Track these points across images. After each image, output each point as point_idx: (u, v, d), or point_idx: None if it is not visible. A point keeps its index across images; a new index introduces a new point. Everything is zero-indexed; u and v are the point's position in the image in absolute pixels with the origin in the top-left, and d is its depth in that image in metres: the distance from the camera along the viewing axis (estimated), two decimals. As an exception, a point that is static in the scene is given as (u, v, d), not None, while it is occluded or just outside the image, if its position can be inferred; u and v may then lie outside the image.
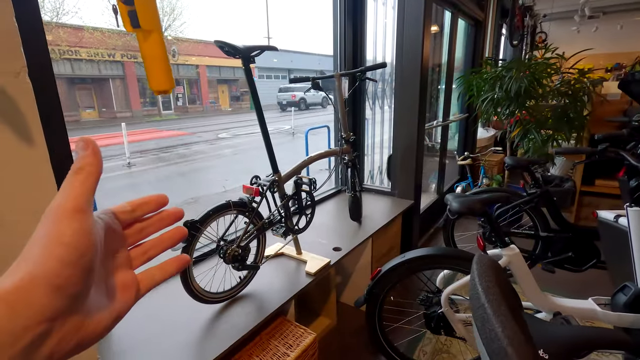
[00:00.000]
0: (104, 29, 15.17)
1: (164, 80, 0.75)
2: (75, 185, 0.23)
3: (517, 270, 1.40)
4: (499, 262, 0.48)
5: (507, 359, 0.32)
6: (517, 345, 0.33)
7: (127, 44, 15.88)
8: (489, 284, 0.41)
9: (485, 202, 1.33)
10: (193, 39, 18.25)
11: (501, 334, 0.33)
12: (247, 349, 1.23)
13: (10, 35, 0.81)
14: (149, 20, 0.70)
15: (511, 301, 0.42)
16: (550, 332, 0.77)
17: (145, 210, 0.31)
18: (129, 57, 16.29)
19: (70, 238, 0.22)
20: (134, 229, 0.31)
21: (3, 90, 0.82)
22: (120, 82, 16.77)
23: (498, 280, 0.42)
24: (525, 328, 0.41)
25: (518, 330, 0.34)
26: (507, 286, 0.46)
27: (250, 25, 37.10)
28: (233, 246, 1.30)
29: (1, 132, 0.83)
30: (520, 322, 0.40)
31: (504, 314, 0.36)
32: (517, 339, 0.33)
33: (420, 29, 2.26)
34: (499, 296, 0.39)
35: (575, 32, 9.22)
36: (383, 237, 2.19)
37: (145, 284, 0.30)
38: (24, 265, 0.21)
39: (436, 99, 3.64)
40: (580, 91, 2.75)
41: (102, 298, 0.26)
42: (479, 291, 0.40)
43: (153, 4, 0.70)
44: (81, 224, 0.22)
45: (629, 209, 1.35)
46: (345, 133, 1.86)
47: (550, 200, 2.18)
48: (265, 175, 1.47)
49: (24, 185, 0.88)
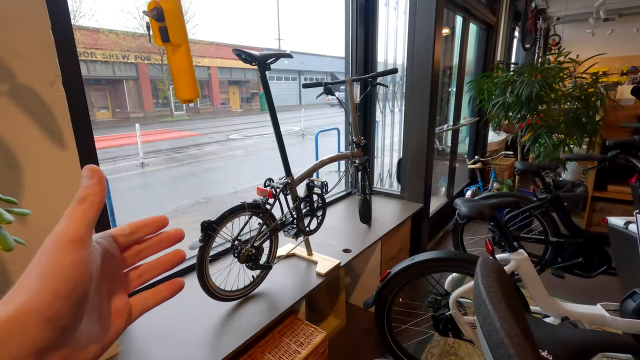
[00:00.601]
0: (119, 31, 15.50)
1: (190, 90, 0.81)
2: (77, 215, 0.24)
3: (525, 275, 1.42)
4: (504, 266, 0.50)
5: (504, 348, 0.35)
6: (514, 336, 0.36)
7: (141, 45, 16.18)
8: (490, 284, 0.44)
9: (494, 207, 1.36)
10: (205, 40, 18.51)
11: (499, 327, 0.37)
12: (259, 346, 1.27)
13: (46, 47, 0.88)
14: (177, 36, 0.75)
15: (512, 301, 0.45)
16: (556, 334, 0.80)
17: (145, 233, 0.31)
18: (142, 58, 16.60)
19: (66, 268, 0.22)
20: (132, 251, 0.31)
21: (39, 97, 0.88)
22: (134, 83, 17.09)
23: (500, 281, 0.45)
24: (525, 324, 0.44)
25: (515, 324, 0.38)
26: (509, 287, 0.49)
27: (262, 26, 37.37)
28: (247, 246, 1.34)
29: (37, 136, 0.89)
30: (520, 319, 0.43)
31: (503, 310, 0.39)
32: (514, 331, 0.37)
33: (431, 34, 2.28)
34: (499, 295, 0.42)
35: (590, 35, 9.09)
36: (392, 240, 2.22)
37: (137, 309, 0.30)
38: (19, 295, 0.21)
39: (447, 103, 3.65)
40: (593, 96, 2.73)
41: (94, 327, 0.26)
42: (481, 290, 0.43)
43: (181, 21, 0.75)
44: (78, 254, 0.23)
45: (639, 215, 1.36)
46: (356, 137, 1.89)
47: (560, 206, 2.18)
48: (278, 178, 1.52)
49: (56, 185, 0.94)
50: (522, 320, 0.44)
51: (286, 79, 24.24)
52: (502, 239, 1.45)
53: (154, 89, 18.19)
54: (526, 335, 0.37)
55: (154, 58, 16.75)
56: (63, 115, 0.93)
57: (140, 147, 7.20)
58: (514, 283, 0.51)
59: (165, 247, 0.32)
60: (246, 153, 8.50)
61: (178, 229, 0.33)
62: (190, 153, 8.46)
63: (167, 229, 0.32)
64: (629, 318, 1.35)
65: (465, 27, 3.15)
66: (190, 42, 0.83)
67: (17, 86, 0.84)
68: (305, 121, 12.10)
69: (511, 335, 0.36)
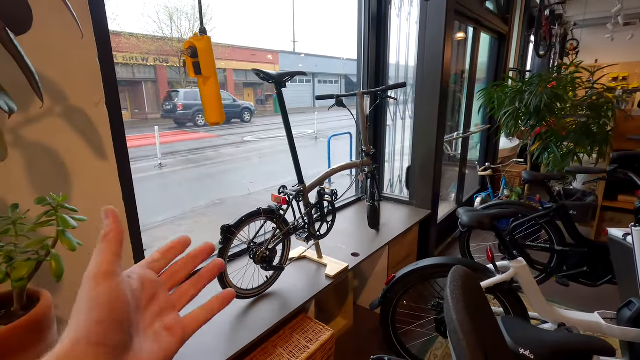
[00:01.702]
0: (139, 34, 15.97)
1: (218, 115, 0.93)
2: (103, 252, 0.28)
3: (524, 282, 1.49)
4: (470, 272, 0.59)
5: (456, 335, 0.45)
6: (464, 325, 0.46)
7: (160, 48, 16.63)
8: (454, 287, 0.53)
9: (493, 217, 1.43)
10: (222, 43, 18.85)
11: (455, 319, 0.46)
12: (272, 341, 1.38)
13: (93, 73, 1.01)
14: (208, 69, 0.87)
15: (474, 302, 0.54)
16: (539, 336, 0.88)
17: (174, 255, 0.34)
18: (160, 60, 17.04)
19: (101, 299, 0.26)
20: (169, 273, 0.34)
21: (86, 116, 1.02)
22: (152, 85, 17.54)
23: (464, 286, 0.54)
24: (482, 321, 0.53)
25: (467, 317, 0.47)
26: (474, 291, 0.58)
27: (277, 29, 37.77)
28: (262, 248, 1.46)
29: (83, 149, 1.02)
30: (478, 316, 0.52)
31: (460, 307, 0.48)
32: (465, 322, 0.46)
33: (440, 45, 2.36)
34: (460, 296, 0.51)
35: (609, 40, 8.92)
36: (400, 245, 2.30)
37: (191, 326, 0.33)
38: (69, 332, 0.25)
39: (458, 110, 3.71)
40: (604, 106, 2.76)
41: (151, 344, 0.29)
42: (447, 291, 0.52)
43: (211, 57, 0.87)
44: (110, 284, 0.27)
45: (634, 228, 1.42)
46: (366, 147, 1.99)
47: (566, 215, 2.23)
48: (291, 185, 1.63)
49: (98, 191, 1.07)
50: (481, 317, 0.53)
51: (300, 82, 24.44)
52: (502, 248, 1.52)
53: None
54: (476, 327, 0.46)
55: (172, 60, 17.18)
56: (105, 131, 1.06)
57: (158, 149, 7.44)
58: (479, 288, 0.59)
59: (200, 262, 0.35)
60: (260, 155, 8.67)
61: (208, 243, 0.36)
62: (207, 155, 8.67)
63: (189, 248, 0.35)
64: (624, 326, 1.41)
65: (476, 37, 3.21)
66: None
67: (69, 107, 0.98)
68: (318, 124, 12.22)
69: (462, 325, 0.45)
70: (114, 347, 0.26)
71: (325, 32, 41.46)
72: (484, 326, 0.56)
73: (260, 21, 31.77)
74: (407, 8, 2.68)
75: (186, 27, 16.36)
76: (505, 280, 1.48)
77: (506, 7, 3.72)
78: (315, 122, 12.17)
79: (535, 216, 2.26)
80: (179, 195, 5.53)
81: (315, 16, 41.31)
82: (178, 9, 16.19)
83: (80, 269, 0.31)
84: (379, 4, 2.57)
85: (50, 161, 0.95)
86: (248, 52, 20.83)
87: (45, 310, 0.70)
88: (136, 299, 0.30)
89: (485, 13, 3.12)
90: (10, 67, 0.65)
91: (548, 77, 2.79)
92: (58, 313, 0.82)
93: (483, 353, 0.46)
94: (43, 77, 0.90)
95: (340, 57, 26.03)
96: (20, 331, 0.66)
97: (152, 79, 17.37)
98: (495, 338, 0.59)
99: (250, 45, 21.50)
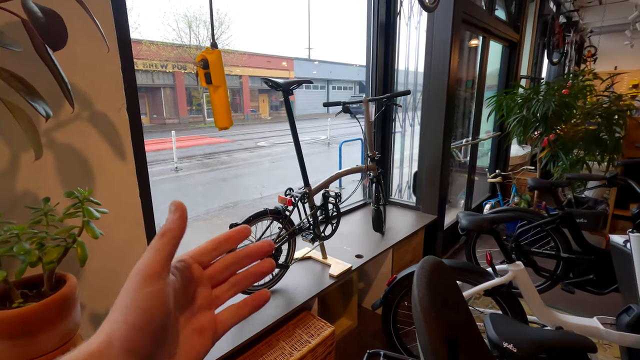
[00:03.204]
0: (159, 42, 16.50)
1: (226, 120, 1.02)
2: (158, 250, 0.26)
3: (522, 286, 1.52)
4: (442, 262, 0.64)
5: (417, 313, 0.50)
6: (424, 304, 0.51)
7: (179, 55, 17.11)
8: (421, 272, 0.59)
9: (491, 221, 1.48)
10: (238, 50, 19.27)
11: (416, 298, 0.52)
12: (275, 335, 1.45)
13: (116, 81, 1.12)
14: (218, 79, 0.97)
15: (441, 288, 0.60)
16: (524, 331, 0.93)
17: (229, 247, 0.31)
18: (179, 67, 17.53)
19: (142, 302, 0.24)
20: (217, 269, 0.31)
21: (109, 120, 1.12)
22: (170, 91, 18.04)
23: (431, 272, 0.60)
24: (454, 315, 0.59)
25: (428, 298, 0.53)
26: (446, 282, 0.63)
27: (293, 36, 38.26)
28: (268, 247, 1.54)
29: (106, 150, 1.13)
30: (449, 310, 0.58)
31: (423, 289, 0.54)
32: (425, 301, 0.52)
33: (447, 54, 2.42)
34: (425, 279, 0.57)
35: (629, 46, 8.74)
36: (404, 248, 2.35)
37: (223, 325, 0.31)
38: (106, 328, 0.24)
39: (468, 117, 3.73)
40: (615, 114, 2.75)
41: (182, 344, 0.28)
42: (414, 283, 0.58)
43: (221, 68, 0.96)
44: (155, 288, 0.25)
45: (631, 234, 1.43)
46: (371, 152, 2.06)
47: (572, 222, 2.23)
48: (297, 188, 1.71)
49: (118, 189, 1.17)
50: (451, 307, 0.59)
51: (315, 88, 24.70)
52: (501, 251, 1.56)
53: (188, 96, 19.11)
54: (442, 315, 0.52)
55: (189, 67, 17.64)
56: (125, 134, 1.16)
57: (175, 153, 7.67)
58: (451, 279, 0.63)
59: (253, 261, 0.32)
60: (273, 160, 8.81)
61: (268, 240, 0.33)
62: (221, 159, 8.88)
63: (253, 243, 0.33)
64: (623, 332, 1.42)
65: (485, 45, 3.24)
66: (224, 52, 1.03)
67: (94, 112, 1.08)
68: (331, 130, 12.33)
69: (424, 312, 0.51)
70: (146, 357, 0.25)
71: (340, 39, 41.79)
72: (454, 315, 0.62)
73: (276, 28, 32.32)
74: (417, 17, 2.75)
75: (204, 35, 16.79)
76: (504, 283, 1.51)
77: (517, 15, 3.74)
78: (328, 128, 12.28)
79: (540, 223, 2.27)
80: (194, 198, 5.70)
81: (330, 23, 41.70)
82: (197, 18, 16.65)
83: (100, 257, 0.37)
84: (387, 14, 2.65)
85: (77, 160, 1.06)
86: (264, 59, 21.21)
87: (71, 291, 0.79)
88: (176, 298, 0.27)
89: (494, 22, 3.16)
90: (45, 77, 0.75)
91: (556, 84, 2.80)
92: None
93: (445, 339, 0.51)
94: (73, 86, 1.01)
95: (354, 63, 26.19)
96: (49, 308, 0.75)
97: (170, 85, 17.87)
98: (467, 328, 0.65)
99: (266, 53, 21.89)
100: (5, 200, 0.93)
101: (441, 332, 0.51)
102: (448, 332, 0.55)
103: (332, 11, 38.81)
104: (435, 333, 0.52)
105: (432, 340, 0.51)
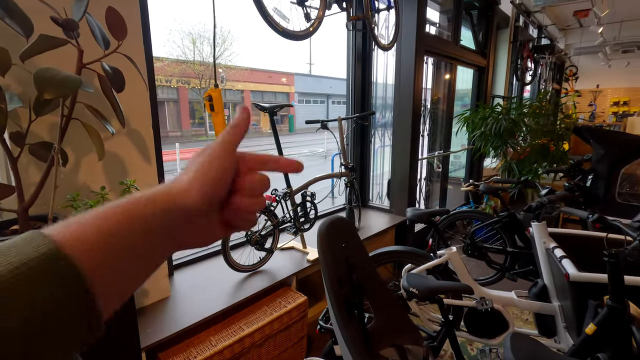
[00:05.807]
0: (164, 57, 17.19)
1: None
2: (230, 133, 0.34)
3: (455, 265, 1.93)
4: (344, 219, 1.04)
5: (327, 286, 0.92)
6: (326, 254, 0.92)
7: (183, 71, 17.79)
8: (325, 227, 1.00)
9: (429, 215, 1.90)
10: (240, 66, 19.96)
11: (319, 247, 0.93)
12: (260, 302, 1.86)
13: (146, 106, 1.56)
14: (218, 108, 1.40)
15: (346, 238, 1.01)
16: (426, 281, 1.34)
17: (273, 168, 0.37)
18: (182, 82, 18.17)
19: (215, 174, 0.32)
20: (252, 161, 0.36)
21: (140, 134, 1.56)
22: (174, 105, 18.64)
23: (334, 227, 1.01)
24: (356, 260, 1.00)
25: (327, 249, 0.93)
26: (347, 231, 1.04)
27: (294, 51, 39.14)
28: (256, 234, 1.96)
29: (137, 158, 1.56)
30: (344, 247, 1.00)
31: (326, 241, 0.95)
32: (327, 251, 0.93)
33: (411, 80, 2.88)
34: (328, 232, 0.97)
35: (606, 66, 9.29)
36: (376, 244, 2.75)
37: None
38: (190, 174, 0.32)
39: (443, 130, 4.18)
40: (561, 131, 3.20)
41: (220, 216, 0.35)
42: (319, 243, 0.99)
43: (221, 101, 1.40)
44: (224, 164, 0.33)
45: (533, 223, 1.85)
46: (345, 161, 2.50)
47: (516, 222, 2.65)
48: (281, 188, 2.14)
49: (145, 184, 1.60)
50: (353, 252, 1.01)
51: (315, 102, 25.42)
52: (440, 239, 1.97)
53: (191, 110, 19.71)
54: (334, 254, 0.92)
55: (193, 82, 18.29)
56: (151, 144, 1.60)
57: (178, 164, 8.12)
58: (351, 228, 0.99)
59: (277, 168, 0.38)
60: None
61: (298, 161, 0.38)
62: (221, 170, 9.30)
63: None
64: (531, 300, 1.83)
65: (453, 69, 3.72)
66: (226, 68, 1.40)
67: (130, 129, 1.53)
68: (328, 143, 12.83)
69: (324, 253, 0.92)
70: (210, 204, 0.32)
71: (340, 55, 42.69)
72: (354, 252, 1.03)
73: (278, 44, 33.21)
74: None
75: (207, 52, 17.47)
76: (441, 264, 1.92)
77: (484, 43, 4.23)
78: (325, 142, 12.77)
79: (490, 222, 2.69)
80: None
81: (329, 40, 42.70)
82: (201, 35, 17.38)
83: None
84: (363, 41, 3.11)
85: (119, 162, 1.49)
86: (265, 74, 21.92)
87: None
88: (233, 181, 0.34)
89: (460, 51, 3.64)
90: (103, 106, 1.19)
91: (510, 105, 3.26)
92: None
93: (345, 261, 0.91)
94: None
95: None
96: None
97: (174, 99, 18.48)
98: (370, 276, 1.07)
99: (268, 68, 22.60)
100: (72, 188, 1.36)
101: (339, 264, 0.92)
102: (349, 265, 0.96)
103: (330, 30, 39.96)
104: (331, 260, 0.93)
105: (328, 267, 0.93)
